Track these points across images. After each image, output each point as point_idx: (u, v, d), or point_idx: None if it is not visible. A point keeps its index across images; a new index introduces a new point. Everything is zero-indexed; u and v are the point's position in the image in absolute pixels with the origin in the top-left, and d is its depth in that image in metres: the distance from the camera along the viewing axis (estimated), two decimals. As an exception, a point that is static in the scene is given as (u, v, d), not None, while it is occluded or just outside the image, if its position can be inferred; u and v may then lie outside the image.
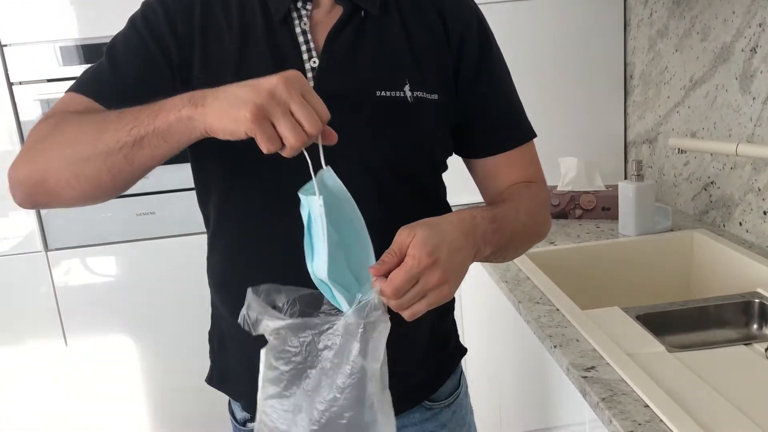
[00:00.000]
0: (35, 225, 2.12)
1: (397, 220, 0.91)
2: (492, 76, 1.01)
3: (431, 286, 0.77)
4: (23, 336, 2.18)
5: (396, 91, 0.92)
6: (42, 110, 2.06)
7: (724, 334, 1.35)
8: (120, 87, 0.89)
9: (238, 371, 1.03)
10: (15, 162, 0.86)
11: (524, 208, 0.96)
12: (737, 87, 1.64)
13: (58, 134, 0.81)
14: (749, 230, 1.66)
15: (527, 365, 1.54)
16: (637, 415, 0.97)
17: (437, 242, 0.77)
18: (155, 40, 0.91)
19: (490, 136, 1.02)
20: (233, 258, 0.97)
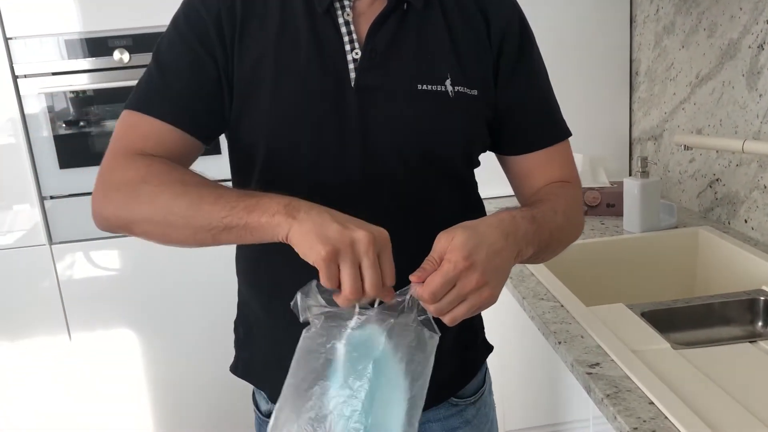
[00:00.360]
0: (39, 218, 2.12)
1: (430, 212, 0.94)
2: (531, 74, 1.01)
3: (469, 290, 0.76)
4: (27, 330, 2.19)
5: (437, 85, 0.92)
6: (46, 103, 2.06)
7: (729, 332, 1.35)
8: (175, 98, 0.90)
9: (264, 360, 1.03)
10: (99, 196, 0.88)
11: (561, 209, 0.94)
12: (744, 84, 1.63)
13: (148, 193, 0.83)
14: (755, 227, 1.65)
15: (531, 361, 1.54)
16: (641, 412, 0.97)
17: (475, 245, 0.77)
18: (200, 42, 0.91)
19: (527, 132, 1.01)
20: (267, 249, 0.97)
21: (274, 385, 1.03)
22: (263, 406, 1.08)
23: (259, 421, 1.10)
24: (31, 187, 2.10)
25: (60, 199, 2.14)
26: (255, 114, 0.92)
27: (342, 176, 0.91)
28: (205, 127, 0.93)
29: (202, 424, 2.33)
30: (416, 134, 0.92)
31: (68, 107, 2.10)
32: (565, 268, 1.63)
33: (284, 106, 0.90)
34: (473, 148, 0.99)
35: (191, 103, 0.91)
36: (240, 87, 0.91)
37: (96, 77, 2.08)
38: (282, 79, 0.90)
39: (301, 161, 0.92)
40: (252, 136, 0.93)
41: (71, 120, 2.10)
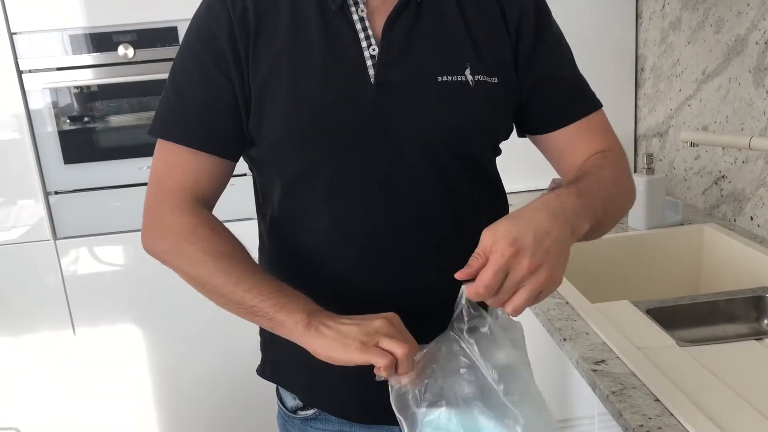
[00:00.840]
0: (44, 213, 2.13)
1: (456, 203, 0.94)
2: (552, 49, 1.00)
3: (522, 275, 0.75)
4: (31, 325, 2.19)
5: (458, 76, 0.92)
6: (51, 99, 2.06)
7: (735, 329, 1.34)
8: (197, 123, 0.93)
9: (291, 361, 1.02)
10: (149, 237, 0.96)
11: (608, 178, 0.92)
12: (751, 80, 1.62)
13: (191, 257, 0.90)
14: (761, 225, 1.64)
15: (536, 358, 1.54)
16: (647, 409, 0.97)
17: (520, 230, 0.76)
18: (213, 61, 0.91)
19: (557, 108, 1.00)
20: (292, 253, 0.97)
21: (305, 387, 1.03)
22: (289, 402, 1.07)
23: (283, 417, 1.09)
24: (35, 183, 2.10)
25: (64, 195, 2.14)
26: (273, 120, 0.91)
27: (366, 174, 0.91)
28: (231, 146, 0.95)
29: (207, 421, 2.33)
30: (440, 126, 0.91)
31: (73, 103, 2.10)
32: (570, 265, 1.62)
33: (302, 108, 0.90)
34: (496, 137, 0.99)
35: (214, 125, 0.93)
36: (257, 95, 0.91)
37: (100, 72, 2.08)
38: (298, 82, 0.90)
39: (323, 164, 0.91)
40: (272, 142, 0.92)
41: (76, 116, 2.10)
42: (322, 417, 1.03)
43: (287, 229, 0.97)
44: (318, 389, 1.01)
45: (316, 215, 0.94)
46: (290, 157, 0.92)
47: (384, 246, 0.92)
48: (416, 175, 0.92)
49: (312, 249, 0.95)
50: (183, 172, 0.94)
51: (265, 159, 0.96)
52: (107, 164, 2.14)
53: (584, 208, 0.83)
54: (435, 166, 0.92)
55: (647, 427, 0.93)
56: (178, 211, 0.92)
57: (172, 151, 0.95)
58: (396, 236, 0.92)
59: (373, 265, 0.93)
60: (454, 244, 0.94)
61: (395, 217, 0.92)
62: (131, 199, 2.16)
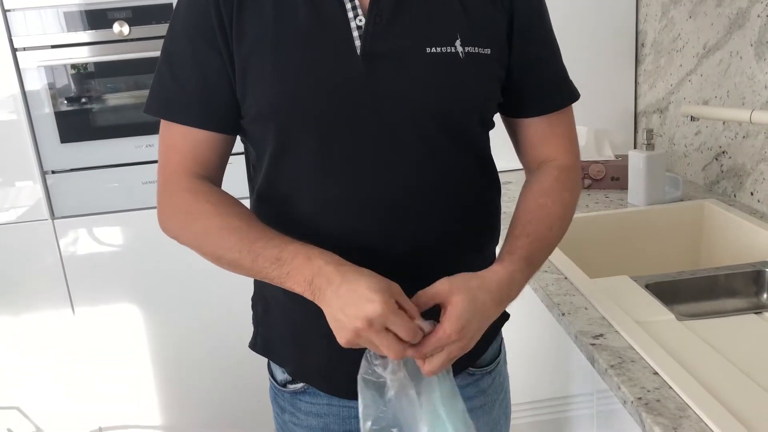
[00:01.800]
0: (42, 193, 2.12)
1: (445, 177, 0.94)
2: (544, 35, 1.00)
3: (455, 356, 0.84)
4: (31, 305, 2.19)
5: (447, 47, 0.90)
6: (47, 78, 2.04)
7: (734, 304, 1.34)
8: (192, 101, 0.93)
9: (282, 337, 1.03)
10: (162, 216, 0.97)
11: (558, 220, 0.97)
12: (752, 54, 1.61)
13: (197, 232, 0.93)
14: (761, 200, 1.64)
15: (535, 334, 1.54)
16: (645, 382, 0.97)
17: (469, 319, 0.82)
18: (202, 35, 0.91)
19: (539, 95, 1.00)
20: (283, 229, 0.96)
21: (294, 362, 1.03)
22: (279, 376, 1.07)
23: (274, 390, 1.10)
24: (32, 162, 2.09)
25: (62, 174, 2.13)
26: (259, 92, 0.90)
27: (352, 146, 0.90)
28: (228, 120, 0.95)
29: (208, 397, 2.34)
30: (428, 98, 0.90)
31: (69, 83, 2.09)
32: (569, 241, 1.62)
33: (287, 80, 0.89)
34: (487, 109, 0.98)
35: (209, 102, 0.93)
36: (242, 67, 0.90)
37: (96, 50, 2.06)
38: (283, 53, 0.89)
39: (308, 136, 0.90)
40: (258, 114, 0.92)
41: (73, 96, 2.09)
42: (310, 391, 1.04)
43: (274, 201, 0.97)
44: (306, 365, 1.02)
45: (302, 188, 0.93)
46: (275, 129, 0.91)
47: (371, 218, 0.92)
48: (403, 147, 0.91)
49: (298, 222, 0.94)
50: (182, 152, 0.95)
51: (251, 131, 0.96)
52: (104, 143, 2.13)
53: (527, 278, 0.92)
54: (422, 138, 0.91)
55: (645, 399, 0.93)
56: (181, 190, 0.94)
57: (171, 131, 0.96)
58: (383, 208, 0.92)
59: (360, 237, 0.92)
60: (443, 215, 0.94)
61: (382, 189, 0.91)
62: (129, 178, 2.15)
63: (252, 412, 2.30)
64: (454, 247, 0.93)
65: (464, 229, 0.97)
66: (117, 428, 2.34)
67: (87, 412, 2.31)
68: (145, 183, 2.15)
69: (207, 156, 0.96)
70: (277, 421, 1.11)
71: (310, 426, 1.05)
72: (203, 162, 0.96)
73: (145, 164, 2.14)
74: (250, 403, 2.31)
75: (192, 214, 0.92)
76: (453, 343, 0.82)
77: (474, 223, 0.98)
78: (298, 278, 0.84)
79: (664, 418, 0.89)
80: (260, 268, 0.87)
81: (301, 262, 0.84)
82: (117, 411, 2.32)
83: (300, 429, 1.06)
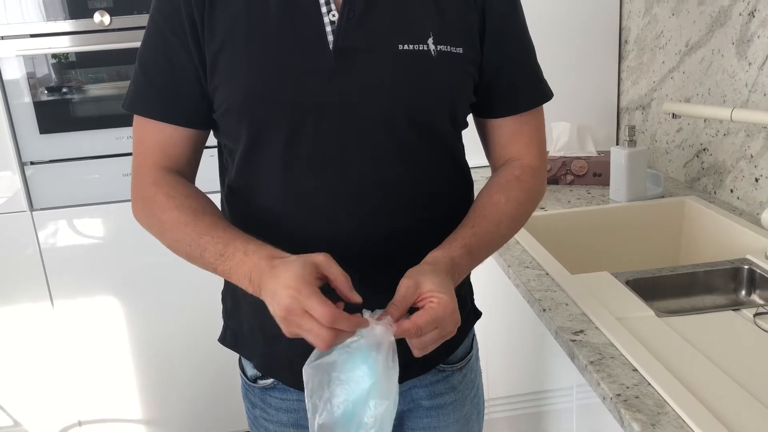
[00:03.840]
0: (20, 185, 2.09)
1: (415, 177, 0.94)
2: (519, 33, 1.00)
3: (447, 333, 0.82)
4: (9, 297, 2.17)
5: (419, 45, 0.90)
6: (26, 68, 2.01)
7: (713, 300, 1.35)
8: (161, 95, 0.94)
9: (251, 331, 1.03)
10: (133, 208, 0.98)
11: (508, 218, 0.97)
12: (734, 52, 1.62)
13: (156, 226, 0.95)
14: (740, 197, 1.65)
15: (515, 330, 1.54)
16: (625, 379, 0.97)
17: (451, 289, 0.82)
18: (173, 31, 0.91)
19: (510, 95, 1.00)
20: (250, 222, 0.96)
21: (261, 355, 1.03)
22: (249, 371, 1.08)
23: (245, 386, 1.10)
24: (10, 153, 2.06)
25: (41, 165, 2.10)
26: (229, 85, 0.90)
27: (322, 140, 0.90)
28: (197, 116, 0.95)
29: (187, 391, 2.33)
30: (399, 96, 0.90)
31: (50, 73, 2.06)
32: (550, 236, 1.63)
33: (258, 73, 0.89)
34: (459, 109, 0.98)
35: (178, 97, 0.93)
36: (212, 60, 0.90)
37: (76, 40, 2.03)
38: (254, 47, 0.88)
39: (280, 130, 0.90)
40: (230, 109, 0.91)
41: (53, 86, 2.06)
42: (280, 387, 1.04)
43: (244, 194, 0.97)
44: (273, 359, 1.02)
45: (272, 180, 0.93)
46: (246, 122, 0.91)
47: (341, 210, 0.92)
48: (373, 141, 0.91)
49: (269, 214, 0.94)
50: (151, 147, 0.96)
51: (223, 125, 0.95)
52: (85, 134, 2.10)
53: (467, 266, 0.92)
54: (392, 133, 0.91)
55: (624, 396, 0.93)
56: (147, 183, 0.95)
57: (141, 126, 0.97)
58: (353, 201, 0.92)
59: (330, 229, 0.92)
60: (413, 209, 0.95)
61: (350, 184, 0.91)
62: (109, 169, 2.12)
63: (232, 406, 2.30)
64: (423, 240, 0.93)
65: (434, 224, 0.97)
66: (96, 422, 2.32)
67: (66, 406, 2.29)
68: (126, 175, 2.13)
69: (176, 149, 0.97)
70: (249, 416, 1.11)
71: (280, 421, 1.05)
72: (172, 155, 0.97)
73: (126, 156, 2.12)
74: (230, 396, 2.30)
75: (151, 207, 0.94)
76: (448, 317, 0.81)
77: (444, 218, 0.98)
78: (240, 274, 0.84)
79: (643, 414, 0.89)
80: (208, 263, 0.88)
81: (241, 258, 0.84)
82: (96, 404, 2.30)
83: (270, 424, 1.06)
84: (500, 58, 0.97)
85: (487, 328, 1.44)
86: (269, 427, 1.07)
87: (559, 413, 1.31)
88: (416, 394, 1.06)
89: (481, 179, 1.07)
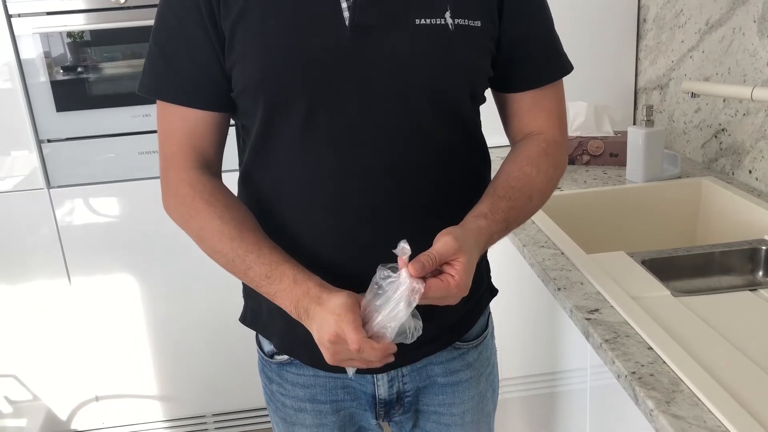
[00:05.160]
0: (38, 162, 2.10)
1: (434, 155, 0.94)
2: (536, 8, 0.99)
3: (448, 303, 0.85)
4: (27, 274, 2.19)
5: (436, 19, 0.89)
6: (42, 46, 2.02)
7: (730, 281, 1.34)
8: (183, 80, 0.93)
9: (270, 310, 1.03)
10: (165, 203, 0.98)
11: (539, 192, 0.97)
12: (755, 30, 1.59)
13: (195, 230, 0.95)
14: (759, 178, 1.63)
15: (530, 309, 1.54)
16: (640, 357, 0.97)
17: (470, 270, 0.84)
18: (188, 13, 0.90)
19: (529, 69, 0.99)
20: (273, 204, 0.96)
21: (280, 335, 1.04)
22: (266, 347, 1.08)
23: (262, 361, 1.11)
24: (28, 131, 2.08)
25: (58, 143, 2.11)
26: (245, 63, 0.90)
27: (339, 118, 0.90)
28: (220, 97, 0.94)
29: (204, 368, 2.35)
30: (416, 71, 0.89)
31: (65, 52, 2.06)
32: (566, 216, 1.62)
33: (275, 50, 0.88)
34: (477, 84, 0.97)
35: (200, 80, 0.93)
36: (228, 39, 0.90)
37: (92, 18, 2.03)
38: (269, 24, 0.88)
39: (297, 107, 0.90)
40: (247, 88, 0.91)
41: (69, 65, 2.06)
42: (296, 362, 1.05)
43: (260, 174, 0.97)
44: (291, 339, 1.03)
45: (288, 159, 0.93)
46: (263, 99, 0.90)
47: (359, 189, 0.92)
48: (391, 118, 0.90)
49: (283, 195, 0.95)
50: (179, 138, 0.95)
51: (240, 104, 0.95)
52: (101, 112, 2.11)
53: (499, 235, 0.92)
54: (411, 109, 0.91)
55: (639, 374, 0.93)
56: (180, 182, 0.95)
57: (166, 113, 0.96)
58: (370, 179, 0.91)
59: (343, 211, 0.92)
60: (432, 187, 0.94)
61: (367, 163, 0.91)
62: (125, 147, 2.13)
63: (248, 383, 2.32)
64: (442, 218, 0.93)
65: (453, 201, 0.97)
66: (114, 397, 2.35)
67: (84, 381, 2.32)
68: (142, 153, 2.14)
69: (204, 138, 0.96)
70: (266, 391, 1.12)
71: (296, 396, 1.06)
72: (200, 146, 0.96)
73: (142, 134, 2.13)
74: (245, 372, 2.32)
75: (189, 212, 0.94)
76: (457, 295, 0.83)
77: (463, 196, 0.98)
78: (285, 300, 0.88)
79: (658, 392, 0.89)
80: (251, 279, 0.91)
81: (288, 285, 0.87)
82: (113, 380, 2.33)
83: (287, 399, 1.07)
84: (519, 31, 0.96)
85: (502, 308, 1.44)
86: (285, 401, 1.08)
87: (573, 394, 1.31)
88: (432, 371, 1.07)
89: (497, 159, 1.06)
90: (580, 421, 1.27)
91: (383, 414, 1.07)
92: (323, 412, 1.06)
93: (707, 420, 0.83)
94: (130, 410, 2.38)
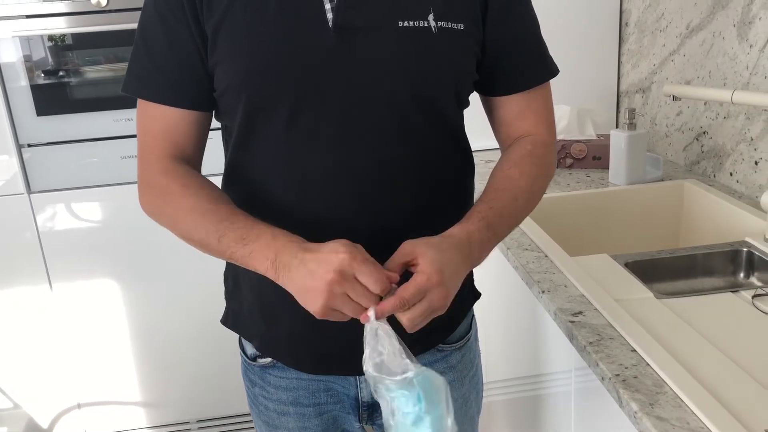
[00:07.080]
0: (18, 167, 2.08)
1: (418, 157, 0.94)
2: (520, 11, 0.99)
3: (437, 305, 0.82)
4: (7, 280, 2.16)
5: (420, 21, 0.89)
6: (23, 50, 2.00)
7: (712, 282, 1.35)
8: (166, 79, 0.93)
9: (251, 312, 1.03)
10: (140, 195, 0.97)
11: (524, 192, 0.97)
12: (735, 34, 1.61)
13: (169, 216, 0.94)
14: (740, 180, 1.65)
15: (514, 312, 1.55)
16: (623, 359, 0.98)
17: (442, 263, 0.81)
18: (173, 13, 0.90)
19: (515, 72, 1.00)
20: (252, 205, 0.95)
21: (260, 337, 1.03)
22: (248, 350, 1.08)
23: (245, 364, 1.10)
24: (7, 135, 2.05)
25: (38, 148, 2.09)
26: (228, 63, 0.89)
27: (322, 119, 0.89)
28: (201, 97, 0.94)
29: (187, 374, 2.33)
30: (400, 72, 0.89)
31: (46, 55, 2.04)
32: (549, 219, 1.63)
33: (258, 51, 0.88)
34: (461, 87, 0.97)
35: (182, 79, 0.93)
36: (212, 38, 0.89)
37: (72, 21, 2.01)
38: (253, 25, 0.88)
39: (281, 108, 0.89)
40: (229, 88, 0.91)
41: (50, 69, 2.04)
42: (279, 365, 1.05)
43: (244, 174, 0.96)
44: (273, 341, 1.03)
45: (271, 161, 0.93)
46: (246, 100, 0.90)
47: (342, 191, 0.91)
48: (375, 121, 0.90)
49: (267, 196, 0.94)
50: (157, 134, 0.95)
51: (223, 104, 0.95)
52: (82, 116, 2.09)
53: (489, 242, 0.91)
54: (394, 112, 0.90)
55: (623, 376, 0.94)
56: (156, 173, 0.94)
57: (146, 111, 0.96)
58: (354, 182, 0.91)
59: (331, 210, 0.92)
60: (416, 190, 0.94)
61: (352, 164, 0.90)
62: (107, 152, 2.11)
63: (231, 389, 2.30)
64: (426, 221, 0.93)
65: (437, 204, 0.97)
66: (96, 404, 2.33)
67: (65, 388, 2.29)
68: (124, 157, 2.12)
69: (183, 135, 0.96)
70: (249, 395, 1.12)
71: (279, 399, 1.06)
72: (179, 142, 0.96)
73: (124, 138, 2.11)
74: (229, 378, 2.30)
75: (164, 197, 0.93)
76: (434, 289, 0.81)
77: (446, 199, 0.98)
78: (261, 257, 0.84)
79: (641, 394, 0.89)
80: (225, 248, 0.87)
81: (266, 241, 0.84)
82: (96, 387, 2.31)
83: (270, 402, 1.07)
84: (503, 34, 0.96)
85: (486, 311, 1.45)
86: (268, 405, 1.07)
87: (558, 396, 1.32)
88: None
89: (481, 162, 1.06)
90: (564, 423, 1.28)
91: (366, 417, 1.07)
92: (306, 416, 1.06)
93: (690, 421, 0.84)
94: (113, 417, 2.35)
